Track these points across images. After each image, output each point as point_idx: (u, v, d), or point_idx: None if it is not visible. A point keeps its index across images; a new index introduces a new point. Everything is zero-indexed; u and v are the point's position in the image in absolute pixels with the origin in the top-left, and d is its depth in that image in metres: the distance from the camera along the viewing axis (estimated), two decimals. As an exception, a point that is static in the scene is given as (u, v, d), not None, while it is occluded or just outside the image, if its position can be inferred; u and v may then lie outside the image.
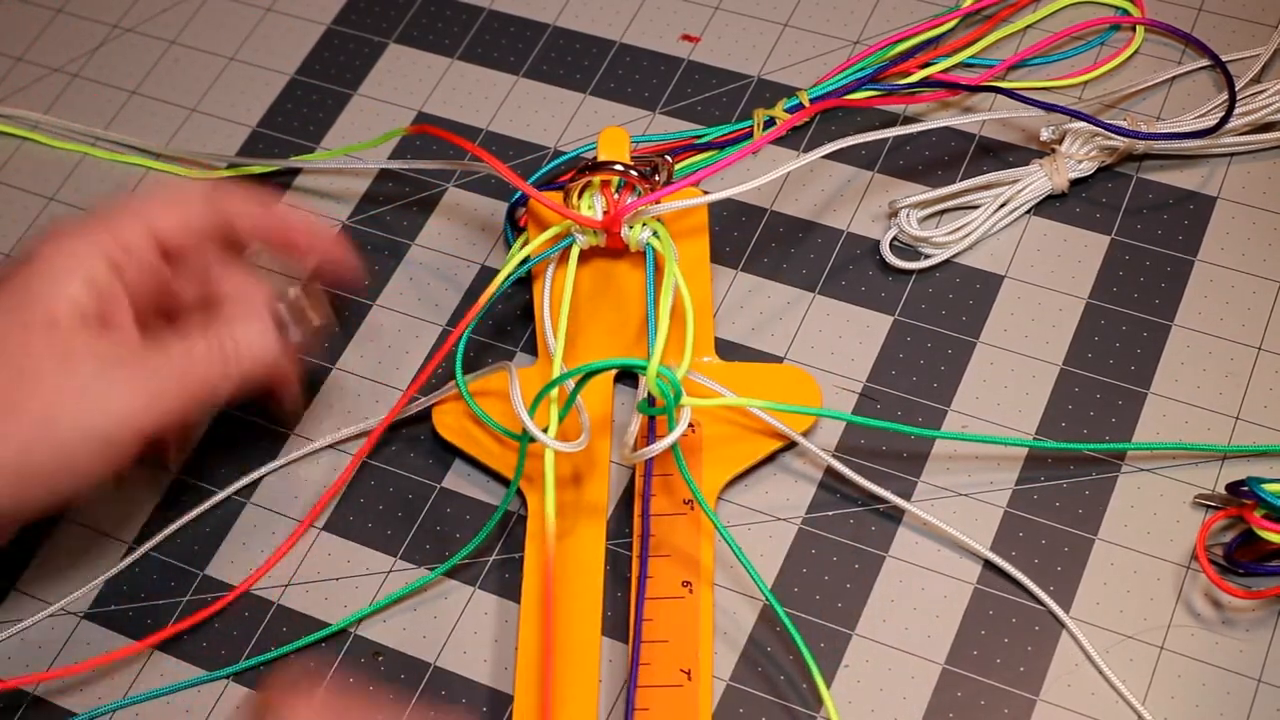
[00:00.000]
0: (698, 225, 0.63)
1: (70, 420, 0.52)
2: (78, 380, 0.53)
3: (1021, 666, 0.55)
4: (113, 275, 0.55)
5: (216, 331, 0.55)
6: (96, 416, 0.53)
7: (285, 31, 0.75)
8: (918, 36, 0.69)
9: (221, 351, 0.55)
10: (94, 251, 0.55)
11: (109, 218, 0.56)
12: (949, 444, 0.60)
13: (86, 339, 0.53)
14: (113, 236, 0.55)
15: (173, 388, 0.54)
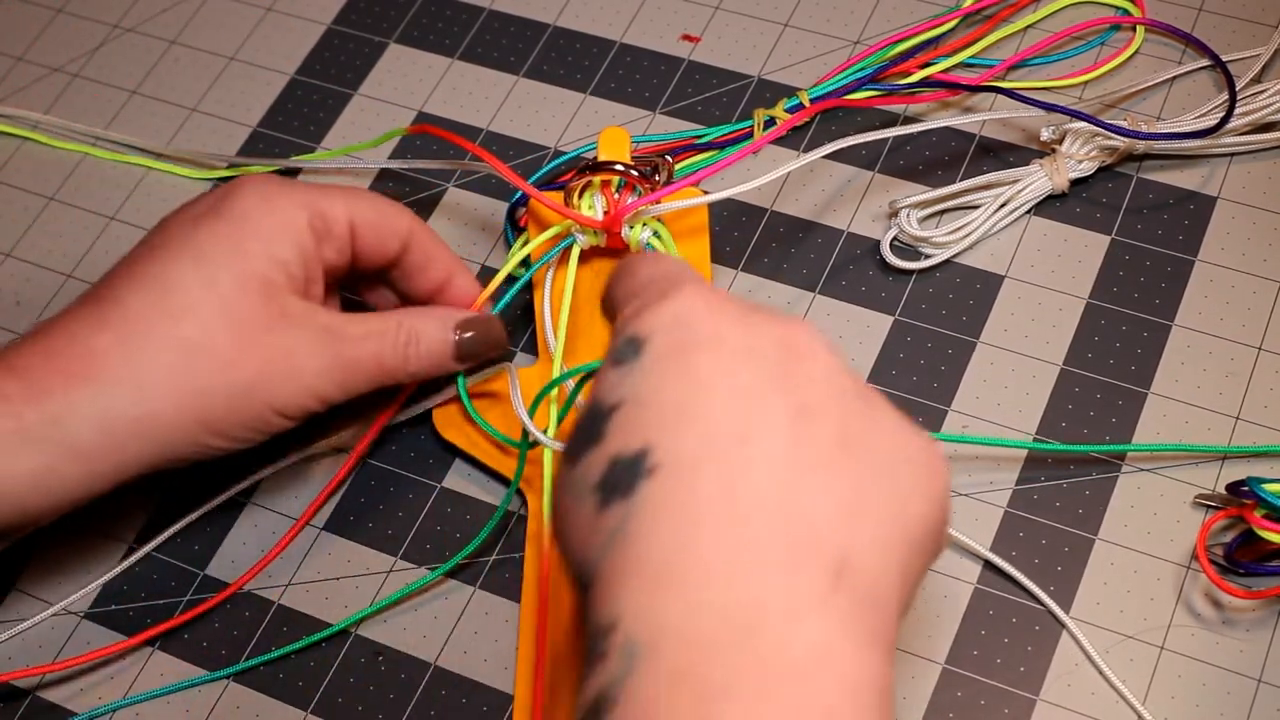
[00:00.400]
0: (698, 225, 0.63)
1: (278, 382, 0.53)
2: (294, 341, 0.53)
3: (1022, 666, 0.55)
4: (315, 244, 0.54)
5: (401, 320, 0.56)
6: (302, 379, 0.53)
7: (285, 31, 0.75)
8: (918, 36, 0.69)
9: (404, 342, 0.56)
10: (301, 217, 0.54)
11: (314, 188, 0.55)
12: (949, 444, 0.60)
13: (299, 305, 0.53)
14: (318, 207, 0.55)
15: (362, 370, 0.55)
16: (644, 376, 0.41)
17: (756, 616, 0.37)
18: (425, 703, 0.57)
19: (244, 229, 0.53)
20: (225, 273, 0.52)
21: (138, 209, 0.71)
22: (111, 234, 0.70)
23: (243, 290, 0.52)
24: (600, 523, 0.39)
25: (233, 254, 0.53)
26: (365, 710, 0.57)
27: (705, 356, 0.41)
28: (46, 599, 0.61)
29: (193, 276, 0.52)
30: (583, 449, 0.41)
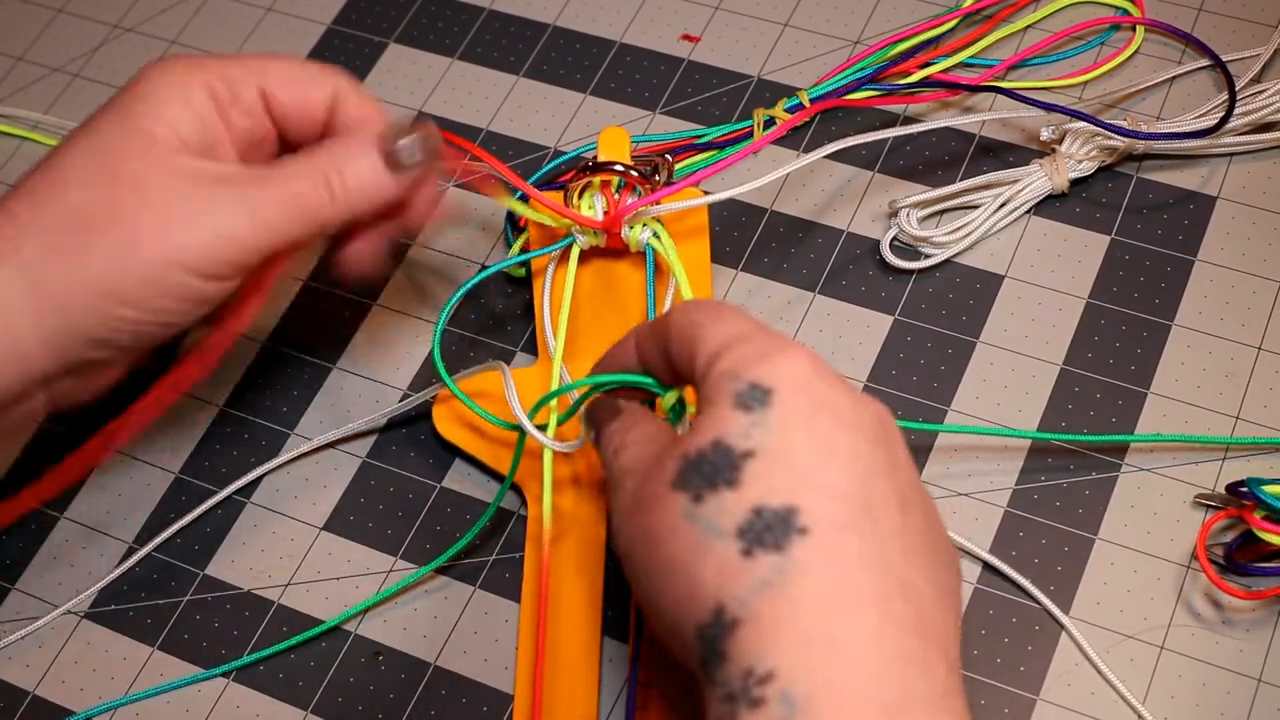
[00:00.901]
0: (698, 226, 0.63)
1: (165, 236, 0.50)
2: (174, 196, 0.51)
3: (1022, 666, 0.55)
4: (215, 110, 0.53)
5: (318, 160, 0.53)
6: (195, 233, 0.50)
7: (285, 31, 0.75)
8: (918, 36, 0.69)
9: (326, 180, 0.53)
10: (198, 83, 0.53)
11: (219, 59, 0.54)
12: (949, 443, 0.60)
13: (188, 160, 0.52)
14: (220, 75, 0.53)
15: (276, 211, 0.52)
16: (776, 430, 0.43)
17: (902, 701, 0.40)
18: (425, 703, 0.57)
19: (134, 98, 0.52)
20: (111, 140, 0.51)
21: (138, 209, 0.71)
22: (111, 234, 0.70)
23: (125, 148, 0.51)
24: (749, 567, 0.41)
25: (120, 121, 0.52)
26: (365, 710, 0.57)
27: (828, 420, 0.44)
28: (47, 599, 0.61)
29: (82, 146, 0.52)
30: (709, 486, 0.43)
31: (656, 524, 0.44)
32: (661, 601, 0.44)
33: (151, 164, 0.51)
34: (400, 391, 0.64)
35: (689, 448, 0.44)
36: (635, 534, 0.45)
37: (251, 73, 0.54)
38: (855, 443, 0.43)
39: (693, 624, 0.42)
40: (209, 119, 0.53)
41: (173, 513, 0.62)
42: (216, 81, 0.53)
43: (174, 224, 0.50)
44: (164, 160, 0.51)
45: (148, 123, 0.52)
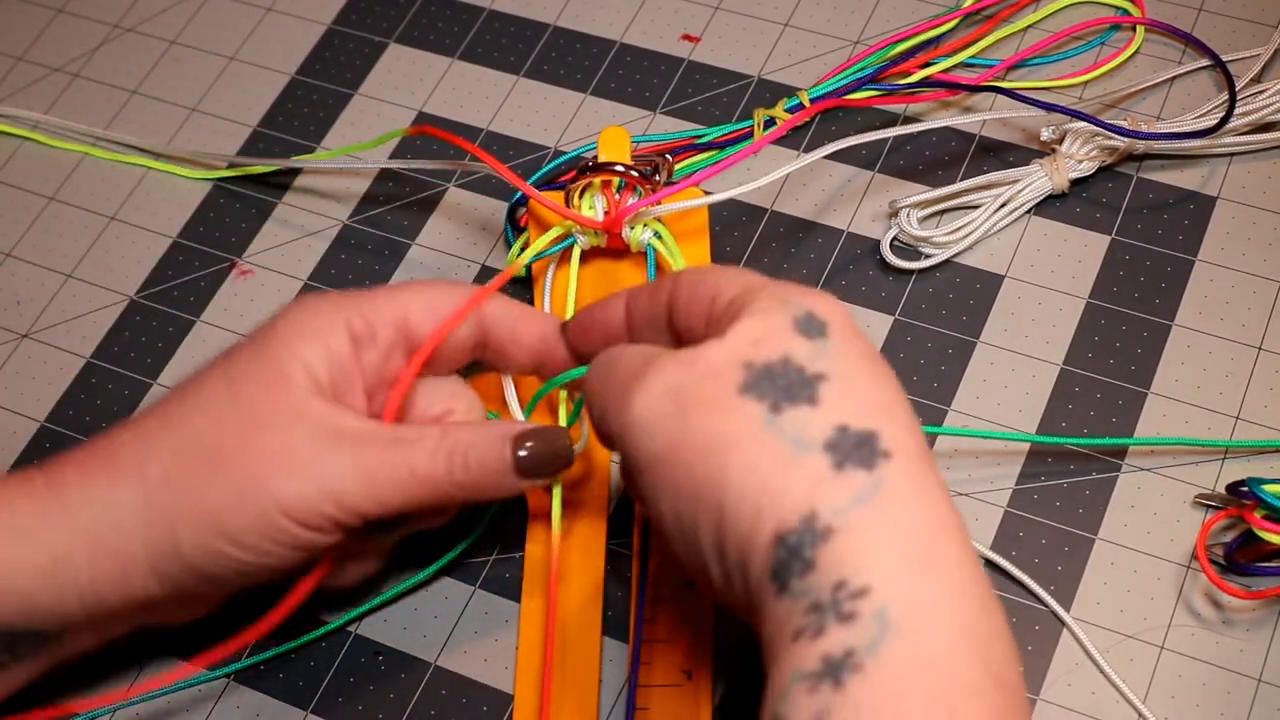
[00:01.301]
0: (699, 226, 0.63)
1: (278, 485, 0.49)
2: (297, 444, 0.50)
3: (1021, 666, 0.55)
4: (351, 349, 0.52)
5: (451, 433, 0.52)
6: (308, 481, 0.50)
7: (285, 31, 0.75)
8: (918, 36, 0.69)
9: (449, 456, 0.51)
10: (338, 321, 0.52)
11: (362, 294, 0.53)
12: (950, 443, 0.60)
13: (317, 406, 0.51)
14: (360, 313, 0.52)
15: (388, 480, 0.50)
16: (841, 357, 0.45)
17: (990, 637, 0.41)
18: (425, 703, 0.57)
19: (274, 335, 0.52)
20: (247, 372, 0.51)
21: (138, 209, 0.71)
22: (111, 234, 0.70)
23: (259, 387, 0.51)
24: (843, 479, 0.42)
25: (258, 357, 0.52)
26: (365, 710, 0.57)
27: (877, 361, 0.46)
28: (47, 599, 0.61)
29: (219, 374, 0.52)
30: (788, 399, 0.43)
31: (725, 429, 0.43)
32: (725, 507, 0.43)
33: (282, 408, 0.51)
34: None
35: (750, 356, 0.44)
36: (689, 435, 0.44)
37: (391, 306, 0.53)
38: (898, 385, 0.46)
39: (771, 529, 0.42)
40: (344, 360, 0.52)
41: (173, 513, 0.62)
42: (357, 320, 0.52)
43: (290, 474, 0.50)
44: (295, 405, 0.51)
45: (284, 362, 0.51)
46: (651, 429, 0.45)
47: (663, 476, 0.45)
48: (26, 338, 0.67)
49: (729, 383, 0.44)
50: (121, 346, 0.67)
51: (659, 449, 0.45)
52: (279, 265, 0.68)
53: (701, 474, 0.43)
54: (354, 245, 0.68)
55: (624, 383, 0.46)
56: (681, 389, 0.45)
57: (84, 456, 0.52)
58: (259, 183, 0.71)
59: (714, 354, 0.45)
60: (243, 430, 0.50)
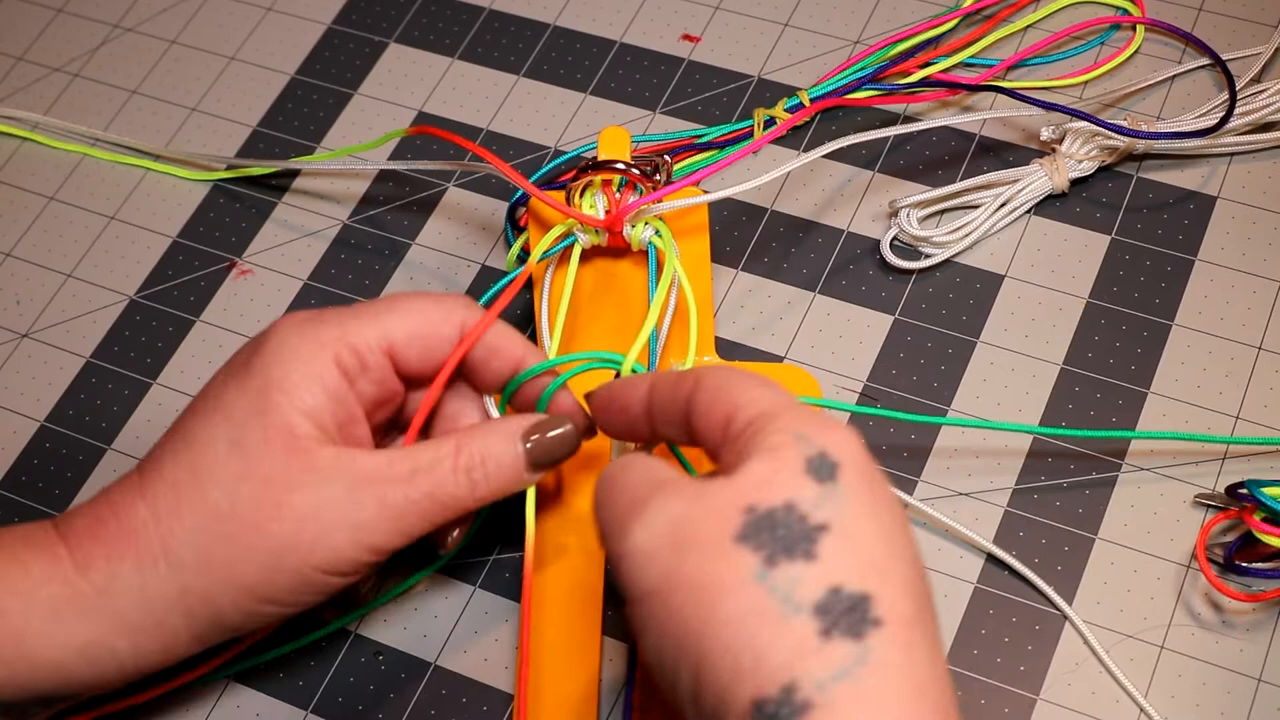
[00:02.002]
0: (698, 225, 0.63)
1: (310, 545, 0.49)
2: (323, 498, 0.50)
3: (1022, 665, 0.55)
4: (346, 384, 0.51)
5: (465, 446, 0.51)
6: (340, 535, 0.50)
7: (285, 31, 0.75)
8: (918, 36, 0.69)
9: (469, 471, 0.51)
10: (326, 358, 0.51)
11: (343, 320, 0.52)
12: (949, 443, 0.60)
13: (330, 455, 0.50)
14: (347, 344, 0.52)
15: (418, 507, 0.50)
16: (847, 506, 0.43)
17: None
18: (425, 703, 0.57)
19: (269, 381, 0.50)
20: (251, 432, 0.50)
21: (137, 209, 0.71)
22: (111, 234, 0.70)
23: (268, 447, 0.50)
24: (828, 650, 0.40)
25: (258, 411, 0.50)
26: (365, 710, 0.57)
27: (889, 511, 0.43)
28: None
29: (221, 436, 0.51)
30: (785, 552, 0.42)
31: (715, 577, 0.42)
32: (705, 657, 0.42)
33: (295, 466, 0.50)
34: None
35: (754, 500, 0.43)
36: (681, 577, 0.43)
37: (376, 332, 0.52)
38: (909, 536, 0.44)
39: (749, 693, 0.40)
40: (342, 396, 0.51)
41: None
42: (345, 352, 0.52)
43: (319, 534, 0.50)
44: (307, 460, 0.50)
45: (286, 414, 0.50)
46: (646, 562, 0.43)
47: (651, 612, 0.43)
48: (26, 338, 0.67)
49: (727, 527, 0.42)
50: (121, 346, 0.67)
51: (651, 584, 0.43)
52: (279, 265, 0.68)
53: (687, 618, 0.42)
54: (354, 245, 0.68)
55: (627, 508, 0.45)
56: (681, 525, 0.43)
57: (106, 533, 0.50)
58: (259, 183, 0.71)
59: (719, 493, 0.43)
60: (262, 498, 0.50)
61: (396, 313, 0.53)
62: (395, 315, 0.53)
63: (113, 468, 0.63)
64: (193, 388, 0.65)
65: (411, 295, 0.54)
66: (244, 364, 0.52)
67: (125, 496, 0.51)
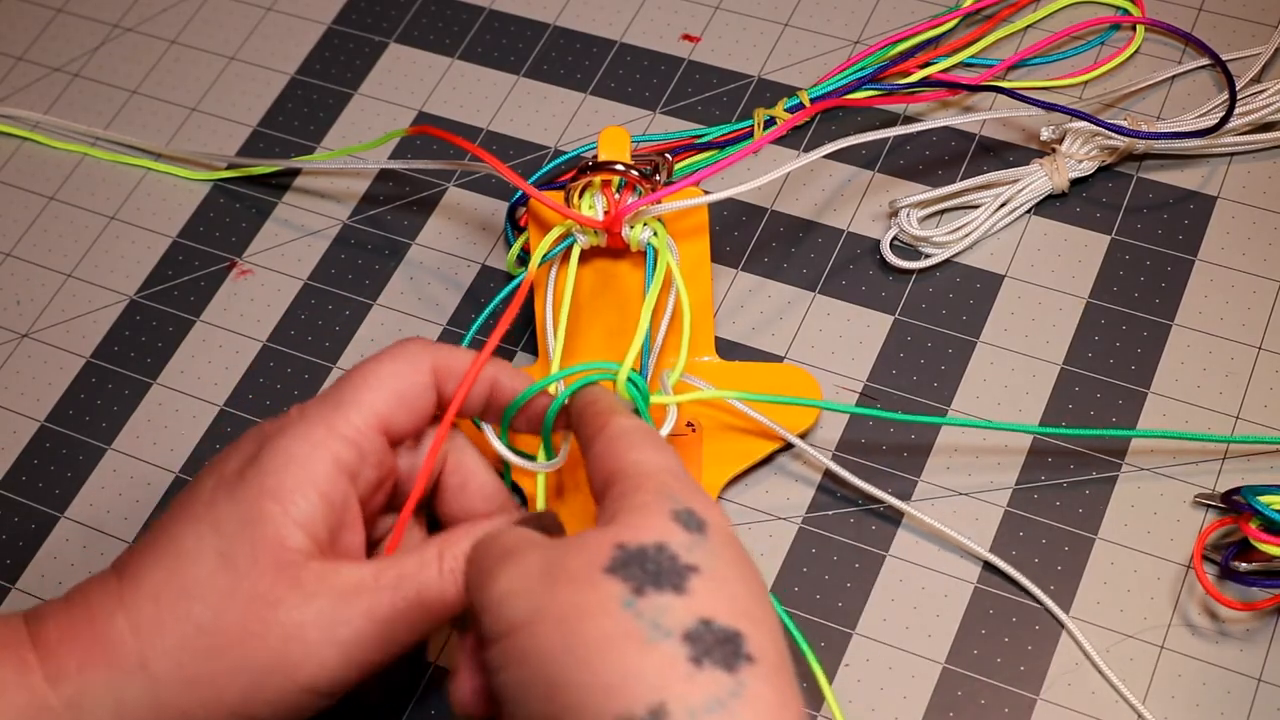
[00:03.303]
0: (698, 225, 0.63)
1: (299, 660, 0.48)
2: (309, 615, 0.48)
3: (1022, 666, 0.55)
4: (347, 486, 0.50)
5: (449, 549, 0.50)
6: (327, 653, 0.48)
7: (285, 31, 0.75)
8: (918, 36, 0.69)
9: (455, 573, 0.50)
10: (326, 460, 0.50)
11: (328, 416, 0.51)
12: (949, 443, 0.60)
13: (317, 569, 0.49)
14: (344, 440, 0.50)
15: (407, 616, 0.49)
16: (716, 557, 0.44)
17: None
18: (426, 702, 0.57)
19: (263, 490, 0.49)
20: (241, 545, 0.49)
21: (138, 209, 0.71)
22: (111, 234, 0.70)
23: (256, 563, 0.48)
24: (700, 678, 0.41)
25: (250, 523, 0.49)
26: (366, 710, 0.57)
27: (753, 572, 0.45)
28: (47, 599, 0.61)
29: (209, 548, 0.49)
30: (653, 584, 0.43)
31: (582, 602, 0.42)
32: (569, 680, 0.41)
33: (284, 583, 0.48)
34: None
35: (625, 539, 0.43)
36: (548, 607, 0.43)
37: (364, 415, 0.51)
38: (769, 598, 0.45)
39: (615, 712, 0.40)
40: (339, 501, 0.50)
41: (173, 512, 0.62)
42: (344, 450, 0.50)
43: (305, 655, 0.48)
44: (295, 576, 0.49)
45: (278, 525, 0.49)
46: (514, 599, 0.43)
47: (515, 644, 0.43)
48: (26, 338, 0.67)
49: (597, 560, 0.43)
50: (121, 346, 0.67)
51: (518, 618, 0.43)
52: (279, 265, 0.68)
53: (553, 644, 0.42)
54: (354, 245, 0.68)
55: (498, 557, 0.45)
56: (551, 563, 0.44)
57: (80, 641, 0.49)
58: (259, 183, 0.71)
59: (589, 536, 0.44)
60: (247, 616, 0.48)
61: (372, 386, 0.51)
62: (372, 389, 0.51)
63: (113, 467, 0.63)
64: (193, 388, 0.65)
65: (377, 361, 0.52)
66: (237, 473, 0.50)
67: (103, 602, 0.49)
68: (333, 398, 0.51)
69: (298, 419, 0.51)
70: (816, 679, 0.54)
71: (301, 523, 0.49)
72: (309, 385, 0.64)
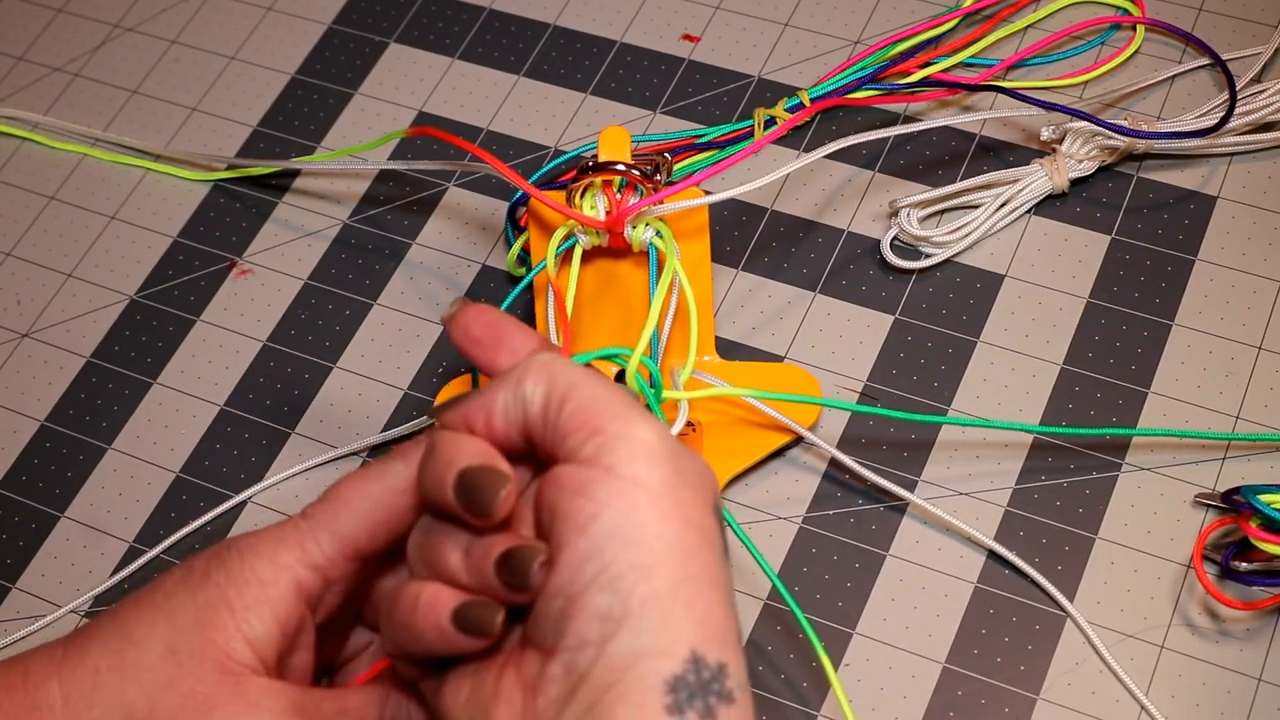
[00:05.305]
0: (699, 225, 0.63)
1: None
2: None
3: (1022, 665, 0.55)
4: (305, 612, 0.49)
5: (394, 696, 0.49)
6: None
7: (286, 31, 0.75)
8: (918, 36, 0.69)
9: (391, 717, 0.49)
10: (288, 586, 0.48)
11: (302, 540, 0.49)
12: (950, 442, 0.60)
13: (261, 686, 0.47)
14: (311, 569, 0.49)
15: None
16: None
17: None
18: (426, 702, 0.57)
19: (221, 598, 0.48)
20: (189, 641, 0.47)
21: (138, 209, 0.71)
22: (111, 234, 0.70)
23: (200, 663, 0.47)
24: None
25: (202, 624, 0.48)
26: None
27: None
28: (47, 599, 0.61)
29: (159, 638, 0.48)
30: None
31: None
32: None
33: (225, 689, 0.47)
34: (401, 392, 0.64)
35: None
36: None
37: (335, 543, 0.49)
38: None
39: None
40: (292, 627, 0.49)
41: (173, 512, 0.62)
42: (306, 575, 0.49)
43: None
44: (238, 686, 0.47)
45: (229, 637, 0.47)
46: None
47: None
48: (26, 337, 0.67)
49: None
50: (121, 346, 0.67)
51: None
52: (279, 265, 0.68)
53: None
54: (354, 245, 0.68)
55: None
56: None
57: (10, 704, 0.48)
58: (259, 183, 0.71)
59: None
60: (180, 712, 0.47)
61: (349, 512, 0.49)
62: (348, 517, 0.49)
63: (113, 467, 0.63)
64: (193, 387, 0.65)
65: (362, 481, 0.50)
66: (202, 572, 0.49)
67: (44, 669, 0.48)
68: (309, 518, 0.50)
69: (274, 534, 0.49)
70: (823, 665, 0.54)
71: (251, 641, 0.48)
72: (309, 385, 0.64)
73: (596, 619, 0.43)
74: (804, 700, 0.55)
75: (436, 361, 0.64)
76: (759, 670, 0.56)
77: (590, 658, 0.43)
